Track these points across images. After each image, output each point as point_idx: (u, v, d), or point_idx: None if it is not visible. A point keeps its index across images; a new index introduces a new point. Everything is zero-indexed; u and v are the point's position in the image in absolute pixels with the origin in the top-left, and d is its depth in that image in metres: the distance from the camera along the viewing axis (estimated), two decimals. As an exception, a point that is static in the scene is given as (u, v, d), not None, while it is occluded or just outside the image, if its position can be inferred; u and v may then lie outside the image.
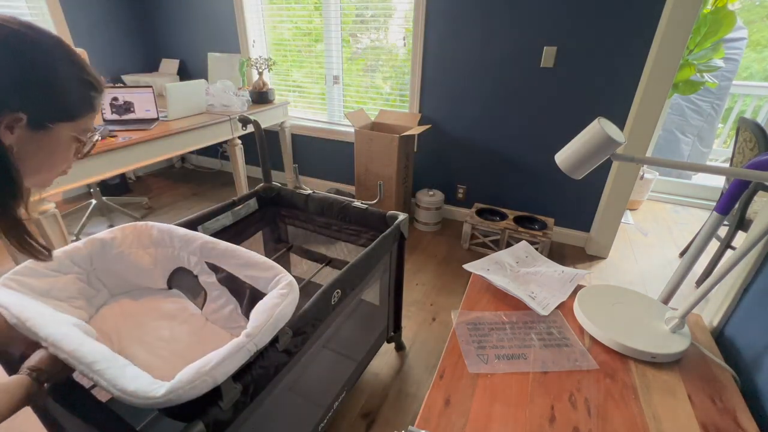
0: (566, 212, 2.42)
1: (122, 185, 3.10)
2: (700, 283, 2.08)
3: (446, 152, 2.59)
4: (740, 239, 1.98)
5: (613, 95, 2.05)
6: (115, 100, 2.07)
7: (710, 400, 0.66)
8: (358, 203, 1.37)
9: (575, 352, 0.76)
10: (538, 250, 2.07)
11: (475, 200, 2.65)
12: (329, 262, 1.57)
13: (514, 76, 2.22)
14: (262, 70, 2.62)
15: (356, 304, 1.54)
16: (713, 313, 0.86)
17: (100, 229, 2.52)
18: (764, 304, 0.72)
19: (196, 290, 1.06)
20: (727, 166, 2.15)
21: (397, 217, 1.29)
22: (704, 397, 0.67)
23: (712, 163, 3.52)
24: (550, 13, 2.02)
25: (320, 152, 3.08)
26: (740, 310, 0.79)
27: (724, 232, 1.95)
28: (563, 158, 0.73)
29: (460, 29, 2.24)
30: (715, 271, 0.70)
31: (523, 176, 2.43)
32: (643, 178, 2.85)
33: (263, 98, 2.68)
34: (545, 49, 2.08)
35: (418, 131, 2.31)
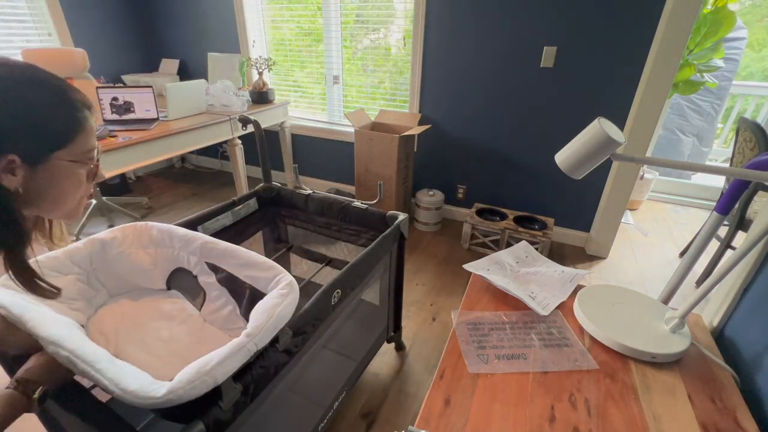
0: (566, 212, 2.42)
1: (122, 185, 3.10)
2: (700, 283, 2.08)
3: (446, 152, 2.59)
4: (740, 239, 1.98)
5: (613, 95, 2.05)
6: (115, 100, 2.07)
7: (710, 400, 0.66)
8: (358, 203, 1.37)
9: (575, 352, 0.76)
10: (538, 250, 2.07)
11: (475, 200, 2.65)
12: (329, 262, 1.57)
13: (514, 76, 2.22)
14: (262, 70, 2.62)
15: (356, 304, 1.54)
16: (713, 313, 0.86)
17: (100, 229, 2.52)
18: (764, 304, 0.72)
19: (194, 291, 1.06)
20: (727, 166, 2.15)
21: (397, 217, 1.29)
22: (704, 397, 0.67)
23: (712, 163, 3.52)
24: (550, 13, 2.02)
25: (320, 152, 3.08)
26: (740, 310, 0.79)
27: (724, 232, 1.95)
28: (563, 158, 0.73)
29: (460, 29, 2.24)
30: (715, 271, 0.70)
31: (523, 176, 2.43)
32: (643, 178, 2.85)
33: (263, 98, 2.68)
34: (545, 49, 2.08)
35: (418, 131, 2.31)
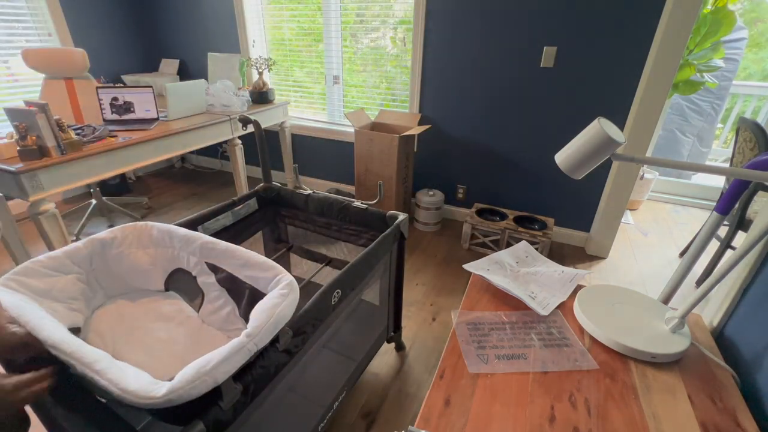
0: (566, 212, 2.42)
1: (122, 185, 3.10)
2: (700, 283, 2.08)
3: (446, 152, 2.59)
4: (740, 239, 1.98)
5: (613, 95, 2.05)
6: (115, 100, 2.07)
7: (710, 400, 0.66)
8: (358, 203, 1.37)
9: (575, 352, 0.76)
10: (538, 250, 2.07)
11: (475, 200, 2.65)
12: (329, 262, 1.57)
13: (514, 76, 2.22)
14: (262, 70, 2.62)
15: (356, 304, 1.54)
16: (713, 313, 0.86)
17: (100, 229, 2.53)
18: (764, 304, 0.72)
19: (193, 292, 1.06)
20: (727, 166, 2.15)
21: (397, 217, 1.29)
22: (704, 397, 0.67)
23: (712, 163, 3.52)
24: (550, 13, 2.02)
25: (320, 152, 3.08)
26: (740, 310, 0.79)
27: (724, 232, 1.95)
28: (563, 158, 0.73)
29: (460, 29, 2.24)
30: (715, 271, 0.70)
31: (523, 176, 2.43)
32: (643, 178, 2.85)
33: (263, 98, 2.68)
34: (545, 49, 2.08)
35: (418, 131, 2.31)
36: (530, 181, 2.43)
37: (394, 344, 1.66)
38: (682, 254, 2.38)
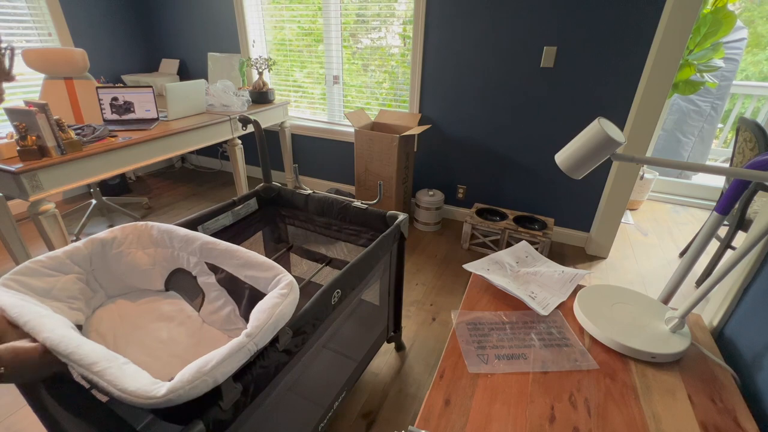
0: (566, 212, 2.42)
1: (122, 185, 3.10)
2: (700, 283, 2.08)
3: (446, 152, 2.59)
4: (740, 239, 1.98)
5: (613, 95, 2.05)
6: (115, 100, 2.07)
7: (710, 400, 0.66)
8: (358, 203, 1.37)
9: (575, 352, 0.76)
10: (538, 250, 2.07)
11: (475, 200, 2.65)
12: (329, 262, 1.57)
13: (514, 76, 2.22)
14: (262, 70, 2.62)
15: (356, 304, 1.54)
16: (713, 313, 0.86)
17: (100, 229, 2.53)
18: (764, 304, 0.72)
19: (193, 292, 1.06)
20: (727, 166, 2.15)
21: (397, 217, 1.29)
22: (704, 397, 0.67)
23: (712, 163, 3.52)
24: (550, 13, 2.02)
25: (320, 152, 3.08)
26: (740, 310, 0.79)
27: (724, 232, 1.95)
28: (563, 158, 0.73)
29: (460, 29, 2.24)
30: (715, 271, 0.70)
31: (523, 176, 2.43)
32: (643, 178, 2.85)
33: (263, 98, 2.68)
34: (545, 49, 2.08)
35: (418, 131, 2.31)
36: (530, 181, 2.43)
37: (394, 344, 1.66)
38: (682, 254, 2.38)
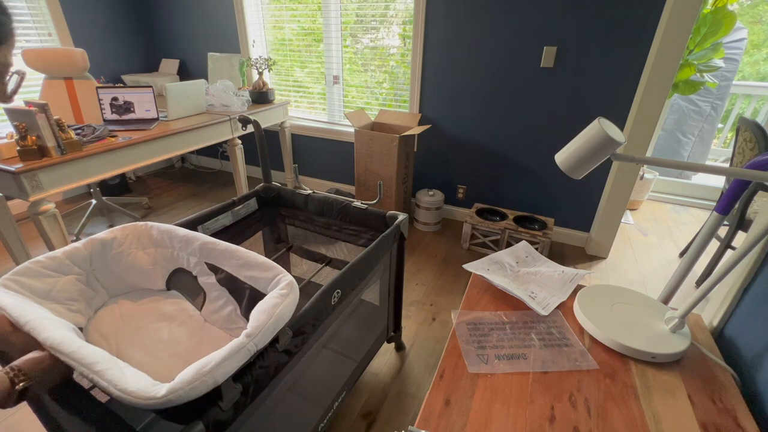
0: (566, 212, 2.42)
1: (122, 185, 3.10)
2: (700, 283, 2.08)
3: (446, 152, 2.59)
4: (740, 239, 1.98)
5: (613, 95, 2.05)
6: (115, 100, 2.07)
7: (710, 400, 0.66)
8: (358, 203, 1.37)
9: (575, 352, 0.76)
10: (538, 250, 2.07)
11: (475, 200, 2.65)
12: (329, 262, 1.57)
13: (514, 76, 2.22)
14: (262, 70, 2.62)
15: (356, 304, 1.54)
16: (713, 313, 0.86)
17: (100, 229, 2.53)
18: (764, 304, 0.72)
19: (194, 291, 1.06)
20: (727, 166, 2.15)
21: (397, 217, 1.29)
22: (704, 397, 0.67)
23: (712, 163, 3.52)
24: (549, 13, 2.02)
25: (320, 152, 3.08)
26: (740, 310, 0.79)
27: (724, 232, 1.95)
28: (563, 158, 0.73)
29: (460, 29, 2.24)
30: (715, 271, 0.70)
31: (523, 176, 2.43)
32: (643, 178, 2.85)
33: (263, 98, 2.68)
34: (545, 49, 2.08)
35: (418, 131, 2.31)
36: (530, 181, 2.43)
37: (394, 344, 1.66)
38: (682, 254, 2.38)
